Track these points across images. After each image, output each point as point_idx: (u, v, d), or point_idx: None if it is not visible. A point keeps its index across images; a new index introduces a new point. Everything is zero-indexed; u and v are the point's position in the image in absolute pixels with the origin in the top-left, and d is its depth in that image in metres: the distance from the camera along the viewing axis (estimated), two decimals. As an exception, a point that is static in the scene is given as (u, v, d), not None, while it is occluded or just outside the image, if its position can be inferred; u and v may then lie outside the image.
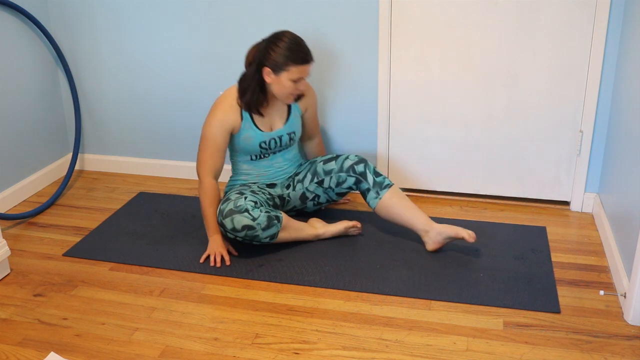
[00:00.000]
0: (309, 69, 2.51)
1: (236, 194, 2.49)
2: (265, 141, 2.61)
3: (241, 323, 2.17)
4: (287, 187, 2.74)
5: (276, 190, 2.71)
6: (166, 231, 2.78)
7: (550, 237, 2.68)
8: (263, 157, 2.67)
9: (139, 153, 3.40)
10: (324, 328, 2.14)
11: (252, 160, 2.66)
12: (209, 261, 2.51)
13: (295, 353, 2.02)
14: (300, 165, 2.80)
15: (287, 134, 2.66)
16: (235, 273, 2.45)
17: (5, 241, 2.44)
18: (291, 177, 2.75)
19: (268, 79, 2.48)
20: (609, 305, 2.23)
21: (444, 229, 2.50)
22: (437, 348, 2.03)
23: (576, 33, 2.66)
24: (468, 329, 2.12)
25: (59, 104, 3.36)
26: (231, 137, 2.60)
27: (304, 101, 2.72)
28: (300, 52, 2.45)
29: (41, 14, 3.15)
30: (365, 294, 2.31)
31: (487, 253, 2.53)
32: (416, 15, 2.78)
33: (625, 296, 2.16)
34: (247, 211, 2.41)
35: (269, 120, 2.62)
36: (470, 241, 2.45)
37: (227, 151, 2.65)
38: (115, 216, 2.93)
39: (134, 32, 3.14)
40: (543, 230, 2.73)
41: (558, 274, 2.42)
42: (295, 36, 2.48)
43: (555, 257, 2.53)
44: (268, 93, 2.55)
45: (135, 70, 3.21)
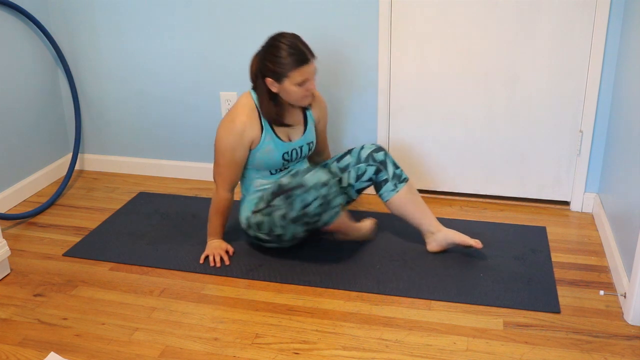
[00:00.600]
0: (312, 67, 2.35)
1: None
2: (287, 152, 2.47)
3: (241, 323, 2.17)
4: None
5: None
6: (166, 231, 2.78)
7: (550, 237, 2.68)
8: (282, 170, 2.52)
9: (139, 153, 3.40)
10: (324, 328, 2.14)
11: (271, 174, 2.51)
12: (209, 261, 2.51)
13: (295, 353, 2.02)
14: None
15: (307, 144, 2.54)
16: (235, 273, 2.45)
17: (5, 241, 2.44)
18: None
19: (274, 88, 2.36)
20: (609, 305, 2.23)
21: (452, 235, 2.48)
22: (437, 348, 2.03)
23: (576, 33, 2.66)
24: (468, 329, 2.12)
25: (59, 104, 3.36)
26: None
27: (316, 112, 2.59)
28: (297, 55, 2.30)
29: (41, 14, 3.15)
30: (365, 294, 2.31)
31: (487, 253, 2.53)
32: (416, 15, 2.78)
33: (625, 296, 2.16)
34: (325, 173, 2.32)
35: (288, 130, 2.49)
36: (478, 247, 2.45)
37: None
38: (115, 216, 2.93)
39: (134, 32, 3.14)
40: (543, 230, 2.73)
41: (558, 274, 2.42)
42: (290, 38, 2.33)
43: (555, 257, 2.53)
44: (282, 102, 2.42)
45: (135, 70, 3.21)
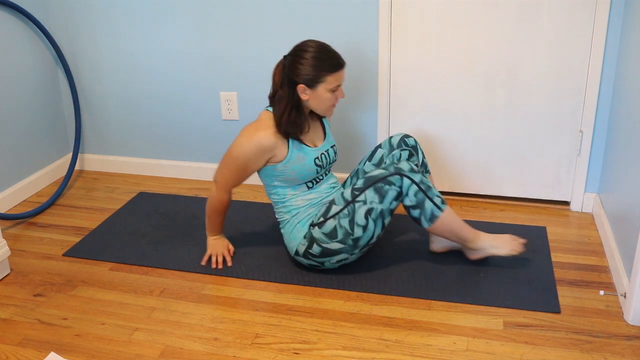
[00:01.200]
0: (344, 73, 2.29)
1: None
2: (317, 156, 2.37)
3: (241, 323, 2.17)
4: None
5: None
6: (166, 231, 2.78)
7: (550, 237, 2.68)
8: (318, 182, 2.42)
9: (139, 153, 3.40)
10: (324, 328, 2.14)
11: (309, 188, 2.40)
12: (210, 262, 2.51)
13: (295, 353, 2.02)
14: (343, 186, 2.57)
15: (331, 147, 2.46)
16: (235, 273, 2.45)
17: (5, 241, 2.44)
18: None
19: (305, 96, 2.26)
20: (609, 305, 2.23)
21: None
22: (437, 348, 2.03)
23: (576, 33, 2.66)
24: (468, 329, 2.12)
25: (59, 104, 3.36)
26: (275, 173, 2.34)
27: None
28: (332, 59, 2.23)
29: (41, 14, 3.15)
30: (365, 294, 2.31)
31: (487, 253, 2.54)
32: (416, 15, 2.78)
33: (625, 296, 2.16)
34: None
35: (311, 137, 2.40)
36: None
37: (274, 194, 2.42)
38: (115, 216, 2.93)
39: (134, 32, 3.14)
40: (543, 230, 2.73)
41: (558, 274, 2.42)
42: (320, 43, 2.25)
43: (555, 257, 2.53)
44: (304, 112, 2.32)
45: (135, 70, 3.21)
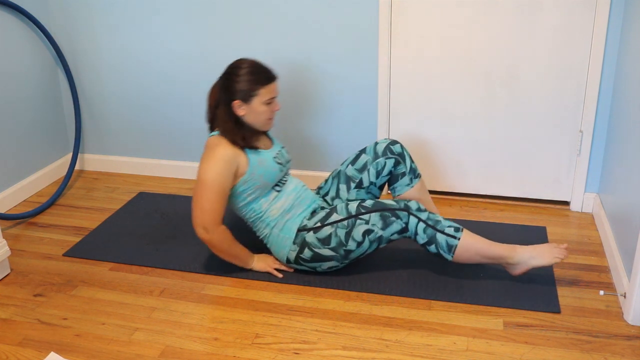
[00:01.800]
0: (277, 86, 2.36)
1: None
2: (275, 155, 2.41)
3: (241, 323, 2.17)
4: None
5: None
6: (166, 231, 2.78)
7: (550, 237, 2.68)
8: (284, 183, 2.43)
9: (139, 153, 3.40)
10: (324, 328, 2.14)
11: (278, 192, 2.40)
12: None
13: (295, 353, 2.02)
14: (319, 189, 2.60)
15: (282, 148, 2.50)
16: (235, 273, 2.45)
17: (5, 241, 2.44)
18: (319, 204, 2.50)
19: (241, 111, 2.32)
20: (609, 305, 2.23)
21: None
22: (437, 348, 2.03)
23: (576, 33, 2.66)
24: (468, 329, 2.12)
25: (59, 104, 3.36)
26: (245, 187, 2.35)
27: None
28: (263, 73, 2.32)
29: (41, 14, 3.15)
30: (365, 294, 2.31)
31: (487, 253, 2.53)
32: (416, 15, 2.78)
33: (625, 296, 2.16)
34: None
35: (262, 143, 2.43)
36: None
37: (249, 211, 2.40)
38: (115, 216, 2.93)
39: (134, 32, 3.14)
40: (543, 230, 2.73)
41: (558, 274, 2.42)
42: (253, 60, 2.34)
43: (555, 257, 2.53)
44: (246, 126, 2.36)
45: (135, 70, 3.21)
